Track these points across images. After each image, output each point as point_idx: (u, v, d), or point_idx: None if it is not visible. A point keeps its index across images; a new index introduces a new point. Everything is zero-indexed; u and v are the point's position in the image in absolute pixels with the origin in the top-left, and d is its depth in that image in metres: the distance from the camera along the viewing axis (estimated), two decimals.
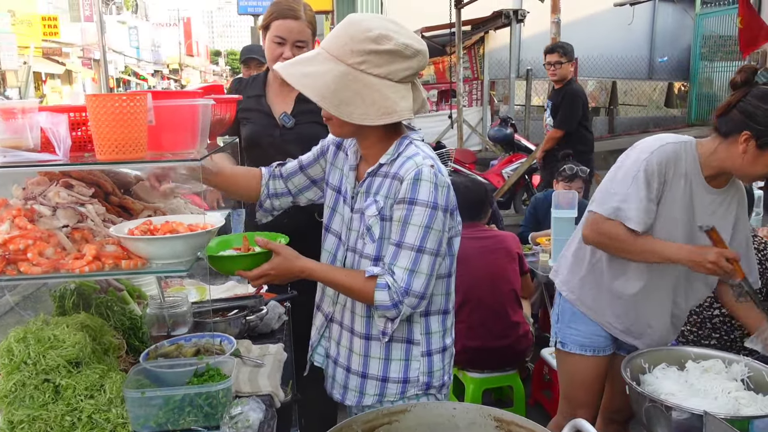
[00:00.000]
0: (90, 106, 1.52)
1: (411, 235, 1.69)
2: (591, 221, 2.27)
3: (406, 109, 1.65)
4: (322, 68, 1.62)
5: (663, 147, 2.20)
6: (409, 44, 1.62)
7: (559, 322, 2.52)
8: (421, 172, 1.68)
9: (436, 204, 1.68)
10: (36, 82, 26.38)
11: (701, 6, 14.15)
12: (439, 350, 1.88)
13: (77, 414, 1.62)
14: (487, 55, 13.72)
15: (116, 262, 1.61)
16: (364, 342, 1.86)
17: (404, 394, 1.85)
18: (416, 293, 1.71)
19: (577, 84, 6.10)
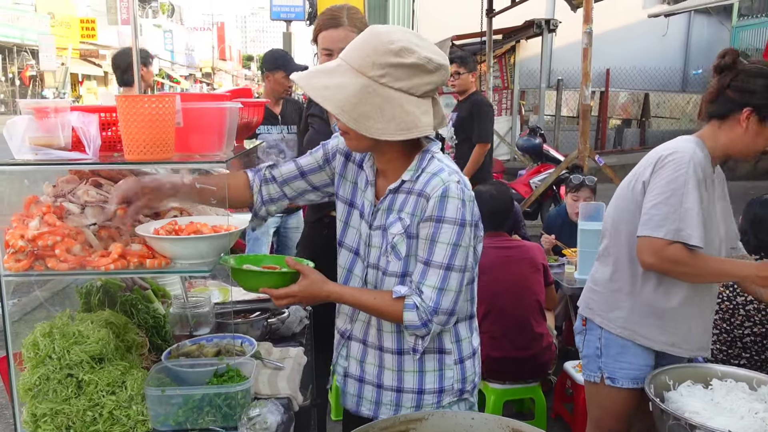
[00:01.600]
0: (120, 107, 1.55)
1: (439, 254, 1.66)
2: (652, 248, 2.12)
3: (428, 125, 1.62)
4: (342, 80, 1.57)
5: (695, 152, 2.16)
6: (432, 58, 1.57)
7: (603, 357, 2.37)
8: (448, 188, 1.64)
9: (464, 221, 1.66)
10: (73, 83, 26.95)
11: (738, 18, 13.95)
12: (470, 355, 1.88)
13: (98, 409, 1.64)
14: (518, 64, 13.68)
15: (141, 260, 1.63)
16: (397, 357, 1.82)
17: (440, 403, 1.83)
18: (445, 310, 1.68)
19: (481, 95, 5.97)
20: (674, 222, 2.08)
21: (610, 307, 2.35)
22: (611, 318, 2.34)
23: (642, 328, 2.30)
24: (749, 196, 3.49)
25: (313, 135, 2.77)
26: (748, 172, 12.13)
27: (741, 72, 2.15)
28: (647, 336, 2.29)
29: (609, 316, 2.35)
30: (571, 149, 8.51)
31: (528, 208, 7.82)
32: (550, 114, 13.76)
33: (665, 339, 2.30)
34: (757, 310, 3.13)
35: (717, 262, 2.17)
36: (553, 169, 8.10)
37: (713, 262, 2.16)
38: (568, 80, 13.42)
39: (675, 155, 2.16)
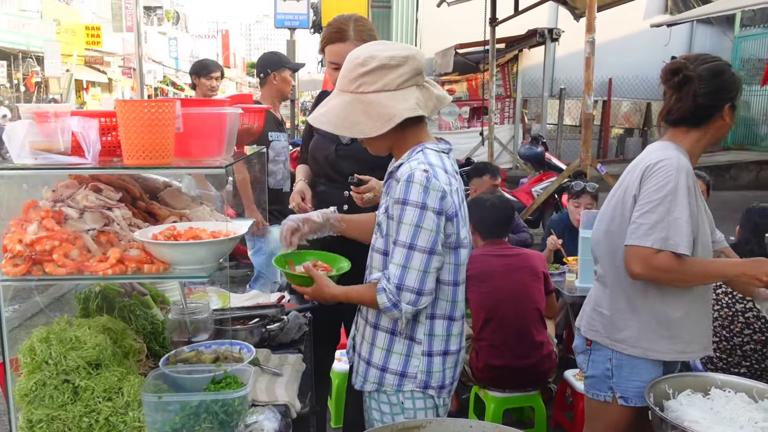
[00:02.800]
0: (119, 112, 1.55)
1: (403, 233, 1.79)
2: (640, 257, 2.11)
3: (406, 110, 1.79)
4: (332, 103, 1.85)
5: (681, 159, 2.15)
6: (393, 55, 1.78)
7: (614, 378, 2.30)
8: (412, 175, 1.78)
9: (425, 204, 1.77)
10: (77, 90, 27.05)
11: (740, 28, 13.97)
12: (440, 353, 1.95)
13: (95, 416, 1.64)
14: (521, 73, 13.69)
15: (139, 266, 1.63)
16: (372, 330, 1.98)
17: (401, 387, 1.93)
18: (410, 288, 1.80)
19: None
20: (662, 231, 2.07)
21: (618, 329, 2.28)
22: (621, 339, 2.27)
23: (652, 343, 2.24)
24: (751, 205, 3.48)
25: (320, 140, 2.77)
26: (750, 182, 12.11)
27: (702, 78, 2.16)
28: (659, 350, 2.25)
29: (618, 337, 2.28)
30: (573, 158, 8.51)
31: (530, 216, 7.81)
32: (553, 123, 13.76)
33: (677, 347, 2.26)
34: (757, 317, 3.12)
35: (705, 265, 2.16)
36: (554, 177, 8.09)
37: (701, 265, 2.15)
38: (570, 89, 13.43)
39: (662, 164, 2.14)
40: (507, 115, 13.62)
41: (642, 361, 2.27)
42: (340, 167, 2.64)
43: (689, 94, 2.17)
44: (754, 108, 13.92)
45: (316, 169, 2.77)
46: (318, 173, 2.77)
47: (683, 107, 2.19)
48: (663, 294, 2.22)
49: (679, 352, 2.27)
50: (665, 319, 2.24)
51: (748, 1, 9.65)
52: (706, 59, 2.21)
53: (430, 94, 1.86)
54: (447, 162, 1.89)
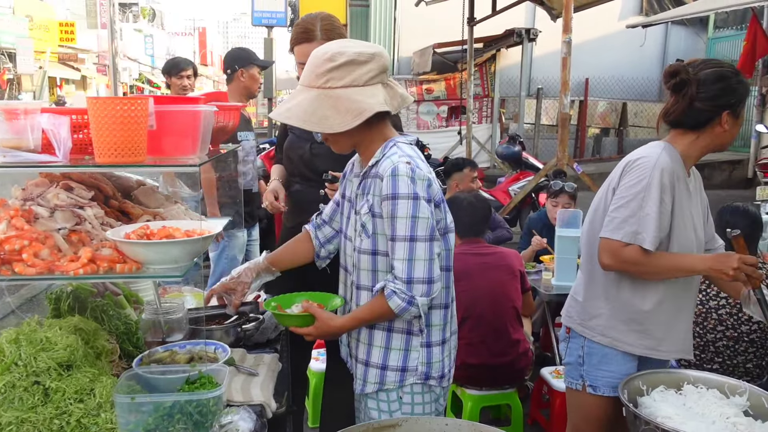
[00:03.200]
0: (91, 109, 1.53)
1: (401, 227, 1.79)
2: (610, 249, 2.19)
3: (376, 104, 1.80)
4: (299, 99, 1.84)
5: (661, 156, 2.20)
6: (361, 51, 1.80)
7: (585, 365, 2.37)
8: (397, 168, 1.80)
9: (417, 194, 1.79)
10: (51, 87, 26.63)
11: (714, 30, 14.18)
12: (438, 342, 1.97)
13: (66, 417, 1.61)
14: (498, 72, 13.76)
15: (111, 265, 1.61)
16: (368, 331, 1.96)
17: (402, 383, 1.93)
18: (420, 279, 1.80)
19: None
20: (633, 225, 2.14)
21: (590, 315, 2.36)
22: (591, 326, 2.35)
23: (622, 334, 2.30)
24: (724, 204, 3.53)
25: (294, 139, 2.76)
26: (723, 181, 12.31)
27: (702, 82, 2.18)
28: (628, 341, 2.30)
29: (589, 324, 2.36)
30: (550, 157, 8.58)
31: (507, 215, 7.86)
32: (530, 122, 13.86)
33: (647, 343, 2.30)
34: (729, 314, 3.16)
35: (673, 258, 2.21)
36: (532, 176, 8.14)
37: (669, 258, 2.20)
38: (547, 89, 13.53)
39: (641, 161, 2.21)
40: (485, 115, 13.69)
41: (611, 351, 2.32)
42: (314, 165, 2.63)
43: (686, 96, 2.21)
44: None
45: (291, 169, 2.76)
46: (293, 172, 2.76)
47: (679, 109, 2.24)
48: (635, 285, 2.28)
49: (648, 348, 2.31)
50: (636, 311, 2.29)
51: (721, 3, 9.80)
52: (710, 64, 2.24)
53: (395, 93, 1.88)
54: (419, 153, 1.95)
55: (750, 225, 3.25)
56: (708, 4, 10.48)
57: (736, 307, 3.16)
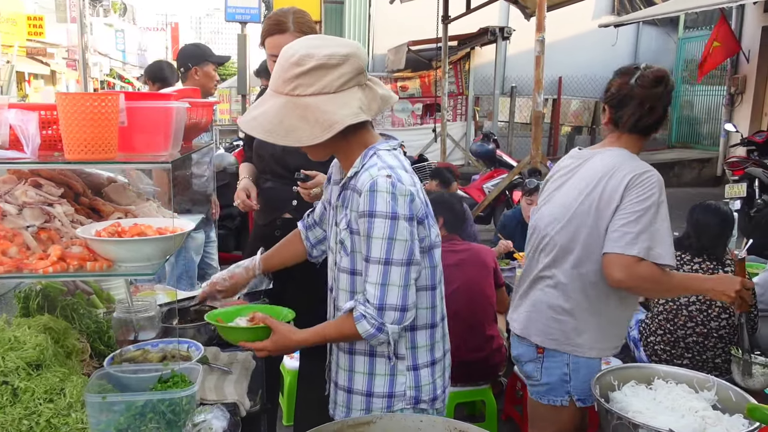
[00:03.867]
0: (60, 105, 1.50)
1: (376, 249, 1.65)
2: (623, 265, 2.11)
3: (348, 116, 1.62)
4: (265, 107, 1.67)
5: (654, 172, 2.20)
6: (332, 53, 1.61)
7: (572, 381, 2.31)
8: (376, 183, 1.64)
9: (396, 213, 1.63)
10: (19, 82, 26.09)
11: (684, 30, 14.40)
12: (426, 364, 1.83)
13: (35, 418, 1.58)
14: (473, 70, 13.83)
15: (81, 263, 1.58)
16: (348, 357, 1.83)
17: (390, 409, 1.79)
18: (393, 306, 1.66)
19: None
20: (645, 241, 2.10)
21: (578, 333, 2.28)
22: (580, 343, 2.29)
23: (608, 342, 2.33)
24: (694, 202, 3.60)
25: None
26: (692, 179, 12.52)
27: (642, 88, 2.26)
28: (611, 347, 2.36)
29: (578, 341, 2.29)
30: (524, 155, 8.63)
31: (481, 213, 7.91)
32: (504, 120, 13.94)
33: (616, 344, 2.38)
34: (699, 311, 3.22)
35: (683, 279, 2.34)
36: (505, 174, 8.20)
37: (679, 278, 2.30)
38: (521, 87, 13.63)
39: (646, 175, 2.17)
40: (459, 113, 13.75)
41: (597, 361, 2.33)
42: (286, 163, 2.61)
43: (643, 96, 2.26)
44: (696, 107, 14.38)
45: (262, 166, 2.73)
46: (264, 170, 2.74)
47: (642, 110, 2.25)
48: (622, 298, 2.28)
49: (617, 348, 2.39)
50: (617, 318, 2.32)
51: (691, 3, 9.97)
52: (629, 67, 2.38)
53: (374, 94, 1.69)
54: (403, 159, 1.78)
55: (720, 223, 3.31)
56: (678, 5, 10.65)
57: (705, 304, 3.22)
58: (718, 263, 3.26)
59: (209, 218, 4.42)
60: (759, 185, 7.71)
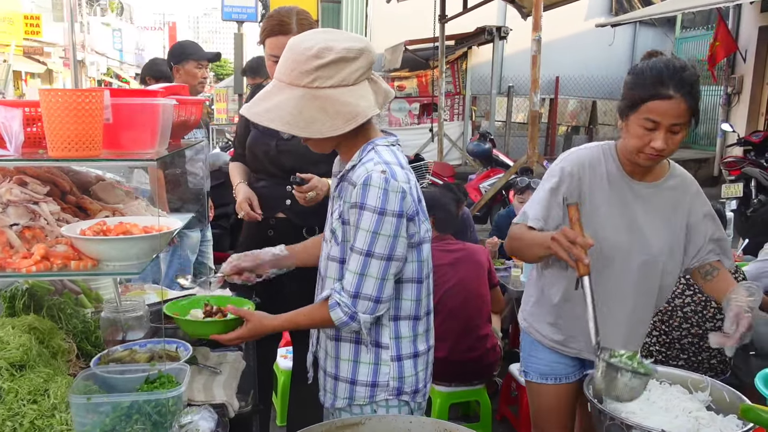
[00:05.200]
0: (43, 101, 1.48)
1: (360, 240, 1.70)
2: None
3: (368, 108, 1.69)
4: (280, 98, 1.67)
5: (576, 152, 2.22)
6: (350, 47, 1.65)
7: (523, 352, 2.45)
8: (370, 177, 1.69)
9: (384, 209, 1.68)
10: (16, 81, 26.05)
11: (681, 30, 14.40)
12: (409, 356, 1.86)
13: (19, 419, 1.56)
14: (470, 70, 13.81)
15: (66, 262, 1.56)
16: (334, 344, 1.88)
17: (373, 398, 1.84)
18: (367, 296, 1.71)
19: None
20: (527, 207, 2.21)
21: (525, 302, 2.43)
22: (523, 314, 2.43)
23: (537, 324, 2.35)
24: None
25: (258, 135, 2.71)
26: None
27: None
28: (542, 332, 2.34)
29: (522, 312, 2.44)
30: (521, 155, 8.62)
31: (478, 212, 7.89)
32: (501, 120, 13.94)
33: (556, 338, 2.32)
34: (694, 312, 3.21)
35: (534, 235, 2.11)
36: (502, 173, 8.19)
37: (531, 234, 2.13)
38: (518, 87, 13.62)
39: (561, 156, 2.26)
40: (456, 112, 13.74)
41: (537, 343, 2.35)
42: (281, 163, 2.59)
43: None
44: None
45: (256, 166, 2.70)
46: (258, 169, 2.71)
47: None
48: (547, 276, 2.31)
49: (558, 343, 2.32)
50: (549, 303, 2.30)
51: (688, 3, 9.96)
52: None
53: (379, 88, 1.76)
54: (400, 156, 1.83)
55: None
56: (675, 5, 10.64)
57: (700, 305, 3.21)
58: None
59: (205, 217, 4.39)
60: (756, 185, 7.71)
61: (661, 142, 1.98)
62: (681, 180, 2.24)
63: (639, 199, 2.18)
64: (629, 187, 2.18)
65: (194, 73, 4.16)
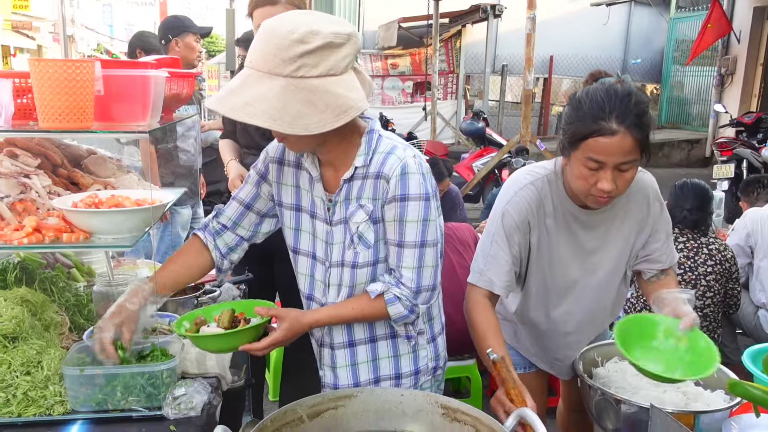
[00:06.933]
0: (33, 72, 1.46)
1: (411, 232, 1.62)
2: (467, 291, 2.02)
3: (360, 99, 1.52)
4: (259, 90, 1.45)
5: (519, 193, 1.96)
6: (338, 31, 1.46)
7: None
8: (406, 165, 1.60)
9: (428, 195, 1.62)
10: (4, 56, 25.73)
11: (676, 10, 14.34)
12: (440, 332, 1.88)
13: (12, 390, 1.56)
14: (464, 48, 13.75)
15: (57, 235, 1.55)
16: (370, 346, 1.79)
17: (417, 385, 1.82)
18: (427, 287, 1.67)
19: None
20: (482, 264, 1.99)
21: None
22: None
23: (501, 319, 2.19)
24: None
25: None
26: (681, 160, 12.57)
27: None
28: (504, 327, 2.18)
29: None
30: (514, 134, 8.62)
31: (470, 191, 7.90)
32: (495, 99, 13.90)
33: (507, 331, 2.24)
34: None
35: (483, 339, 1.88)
36: (495, 153, 8.19)
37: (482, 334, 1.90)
38: (512, 66, 13.57)
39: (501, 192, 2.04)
40: (450, 91, 13.70)
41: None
42: (272, 137, 2.58)
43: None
44: (686, 88, 14.38)
45: (246, 141, 2.69)
46: (248, 145, 2.69)
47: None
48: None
49: (510, 337, 2.26)
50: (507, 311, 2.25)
51: None
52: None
53: (364, 78, 1.58)
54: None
55: (696, 199, 3.32)
56: None
57: (690, 283, 3.24)
58: (701, 243, 3.27)
59: (196, 194, 4.37)
60: (747, 166, 7.73)
61: (608, 184, 1.74)
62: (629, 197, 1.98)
63: (587, 228, 2.01)
64: (575, 218, 1.99)
65: (193, 47, 4.12)
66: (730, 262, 3.28)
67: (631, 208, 2.02)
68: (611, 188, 1.74)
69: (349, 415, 1.60)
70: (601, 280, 2.10)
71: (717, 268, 3.23)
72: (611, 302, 2.21)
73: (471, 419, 1.53)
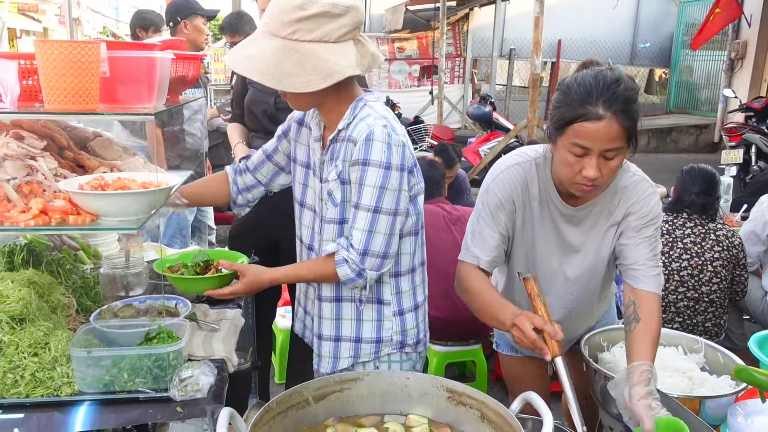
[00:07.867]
0: (39, 53, 1.45)
1: (366, 196, 1.70)
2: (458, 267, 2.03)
3: (348, 66, 1.64)
4: (260, 46, 1.64)
5: (505, 171, 1.96)
6: (336, 2, 1.60)
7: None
8: (372, 132, 1.68)
9: (389, 164, 1.68)
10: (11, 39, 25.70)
11: None
12: (411, 309, 1.91)
13: (20, 371, 1.57)
14: (471, 32, 13.64)
15: (64, 217, 1.55)
16: (335, 305, 1.88)
17: (378, 354, 1.87)
18: (376, 253, 1.72)
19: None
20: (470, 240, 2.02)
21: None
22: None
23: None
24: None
25: (257, 94, 2.68)
26: (690, 145, 12.50)
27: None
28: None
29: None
30: (521, 118, 8.57)
31: (477, 176, 7.87)
32: (502, 83, 13.82)
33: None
34: (691, 275, 3.23)
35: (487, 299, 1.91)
36: (502, 137, 8.16)
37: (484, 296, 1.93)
38: (520, 50, 13.47)
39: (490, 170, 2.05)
40: (457, 75, 13.62)
41: None
42: (279, 120, 2.56)
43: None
44: (696, 73, 14.25)
45: (254, 124, 2.69)
46: (255, 128, 2.70)
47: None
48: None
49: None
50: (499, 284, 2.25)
51: None
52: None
53: (366, 51, 1.71)
54: (391, 112, 1.82)
55: (703, 183, 3.30)
56: None
57: (697, 269, 3.22)
58: (709, 228, 3.25)
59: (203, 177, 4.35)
60: (756, 152, 7.68)
61: (593, 171, 1.72)
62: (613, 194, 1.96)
63: (569, 223, 2.00)
64: (558, 210, 1.98)
65: (201, 29, 4.17)
66: (737, 249, 3.26)
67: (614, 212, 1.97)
68: (596, 176, 1.72)
69: (354, 398, 1.61)
70: (581, 275, 2.07)
71: (724, 254, 3.22)
72: (594, 299, 2.19)
73: (477, 403, 1.54)
